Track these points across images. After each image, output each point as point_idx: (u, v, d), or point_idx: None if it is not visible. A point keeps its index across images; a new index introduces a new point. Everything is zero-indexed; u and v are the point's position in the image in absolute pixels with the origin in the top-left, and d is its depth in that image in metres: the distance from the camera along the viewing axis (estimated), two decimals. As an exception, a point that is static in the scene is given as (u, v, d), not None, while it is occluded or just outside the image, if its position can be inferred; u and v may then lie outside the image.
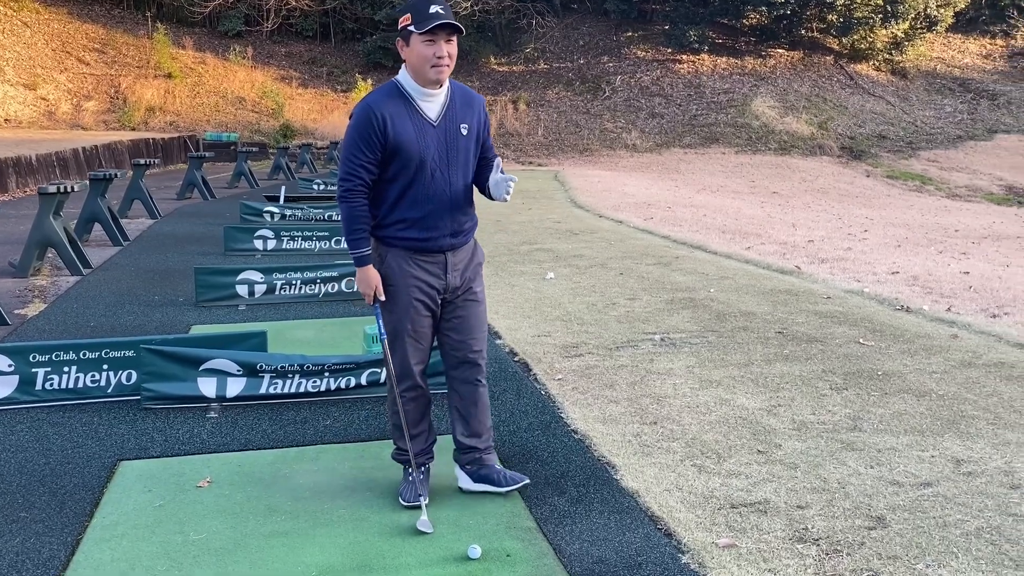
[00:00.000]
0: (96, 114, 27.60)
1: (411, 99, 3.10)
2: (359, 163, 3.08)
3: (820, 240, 11.72)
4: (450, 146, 3.14)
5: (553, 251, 9.90)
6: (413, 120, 3.08)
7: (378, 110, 3.05)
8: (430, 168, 3.10)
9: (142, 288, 7.58)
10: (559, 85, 34.49)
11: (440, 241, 3.19)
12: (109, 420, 4.25)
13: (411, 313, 3.20)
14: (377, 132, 3.04)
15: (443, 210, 3.16)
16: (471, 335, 3.31)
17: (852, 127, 32.99)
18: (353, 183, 3.11)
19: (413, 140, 3.06)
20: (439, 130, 3.12)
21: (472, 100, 3.25)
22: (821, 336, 5.89)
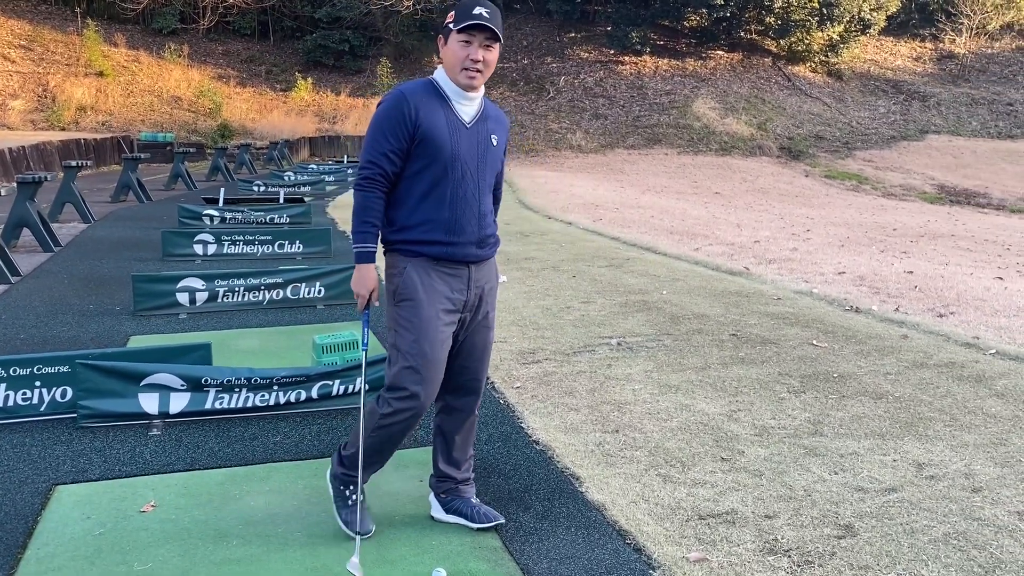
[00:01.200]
0: (23, 113, 26.58)
1: (447, 97, 2.94)
2: (382, 151, 2.87)
3: (766, 240, 11.86)
4: (480, 152, 2.97)
5: (504, 253, 9.79)
6: (447, 116, 2.91)
7: (412, 98, 2.87)
8: (460, 168, 2.91)
9: (76, 297, 7.25)
10: (503, 85, 34.44)
11: (466, 249, 2.95)
12: (43, 441, 4.00)
13: (432, 333, 2.91)
14: (407, 120, 2.85)
15: (471, 214, 2.94)
16: (479, 362, 3.12)
17: (790, 128, 33.66)
18: (373, 171, 2.88)
19: (445, 134, 2.88)
20: (471, 133, 2.95)
21: (500, 118, 3.12)
22: (775, 338, 5.90)
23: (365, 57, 34.50)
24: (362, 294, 2.94)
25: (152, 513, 3.28)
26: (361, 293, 2.94)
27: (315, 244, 9.48)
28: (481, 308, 3.06)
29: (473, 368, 3.12)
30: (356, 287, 2.95)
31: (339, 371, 4.48)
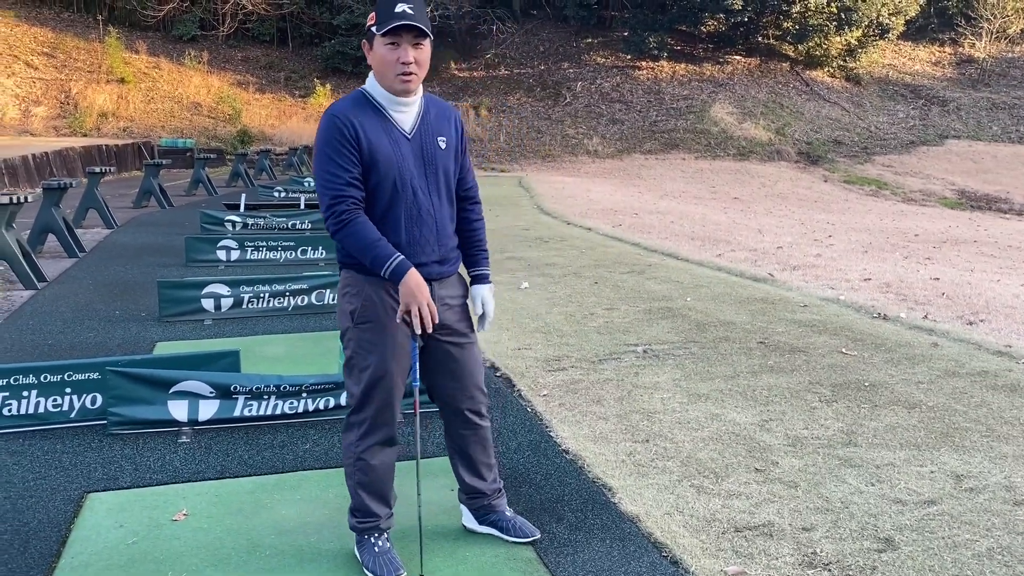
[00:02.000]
0: (46, 120, 26.84)
1: (382, 108, 2.73)
2: (344, 181, 2.64)
3: (788, 246, 11.77)
4: (428, 161, 2.77)
5: (525, 260, 9.77)
6: (387, 131, 2.70)
7: (346, 119, 2.65)
8: (410, 184, 2.72)
9: (102, 303, 7.28)
10: (520, 91, 34.46)
11: (428, 269, 2.78)
12: (74, 448, 4.01)
13: (397, 351, 2.77)
14: (350, 142, 2.64)
15: (428, 233, 2.78)
16: (470, 381, 2.96)
17: (809, 132, 33.48)
18: (347, 203, 2.65)
19: (389, 153, 2.68)
20: (414, 144, 2.75)
21: (447, 112, 2.90)
22: (803, 346, 5.84)
23: (383, 63, 34.66)
24: (420, 304, 2.68)
25: (184, 522, 3.27)
26: (419, 303, 2.68)
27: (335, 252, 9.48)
28: (451, 325, 2.89)
29: (469, 388, 2.97)
30: (410, 299, 2.67)
31: (367, 379, 4.46)
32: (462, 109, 32.32)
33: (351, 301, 2.79)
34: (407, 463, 3.61)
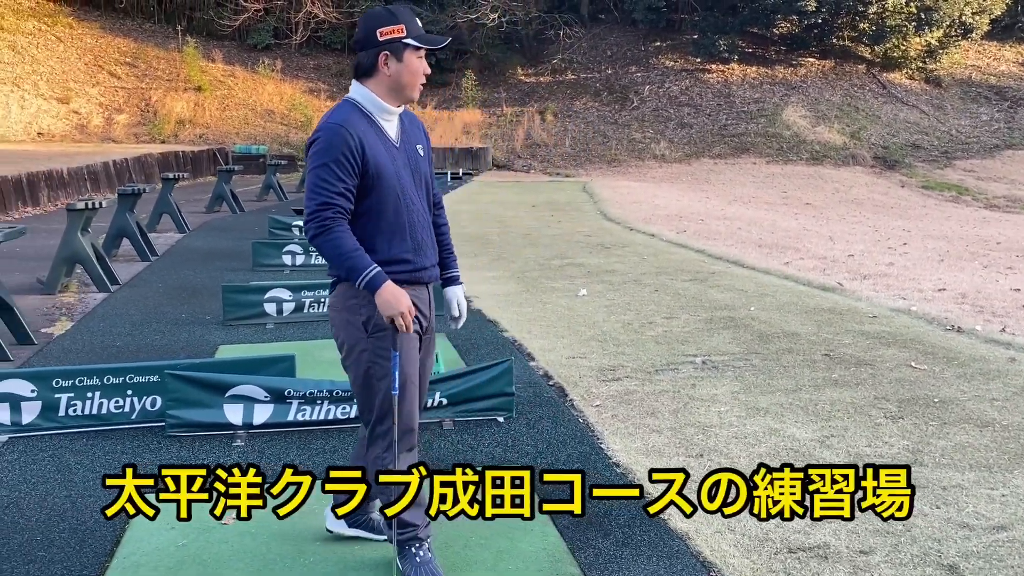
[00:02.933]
0: (127, 127, 27.85)
1: (374, 119, 2.75)
2: (336, 191, 2.63)
3: (860, 254, 11.41)
4: (414, 168, 2.84)
5: (585, 266, 9.69)
6: (383, 141, 2.75)
7: (353, 130, 2.65)
8: (408, 192, 2.78)
9: (169, 306, 7.48)
10: (586, 95, 34.32)
11: (430, 272, 2.89)
12: (133, 448, 4.11)
13: (412, 356, 2.81)
14: (355, 154, 2.64)
15: (427, 236, 2.86)
16: (426, 377, 3.02)
17: (885, 136, 32.47)
18: (332, 211, 2.64)
19: (389, 163, 2.73)
20: (401, 152, 2.80)
21: (415, 121, 2.96)
22: (870, 359, 5.63)
23: (450, 70, 34.91)
24: (404, 312, 2.68)
25: (233, 526, 3.31)
26: (403, 311, 2.67)
27: (398, 255, 9.56)
28: (433, 325, 2.99)
29: (423, 384, 2.99)
30: (396, 309, 2.66)
31: (419, 386, 4.46)
32: (528, 114, 32.38)
33: (360, 312, 2.75)
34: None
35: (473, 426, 4.40)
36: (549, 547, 3.14)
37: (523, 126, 31.72)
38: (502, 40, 35.38)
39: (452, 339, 6.25)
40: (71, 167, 16.94)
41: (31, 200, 14.96)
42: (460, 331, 6.49)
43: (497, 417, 4.49)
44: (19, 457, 3.99)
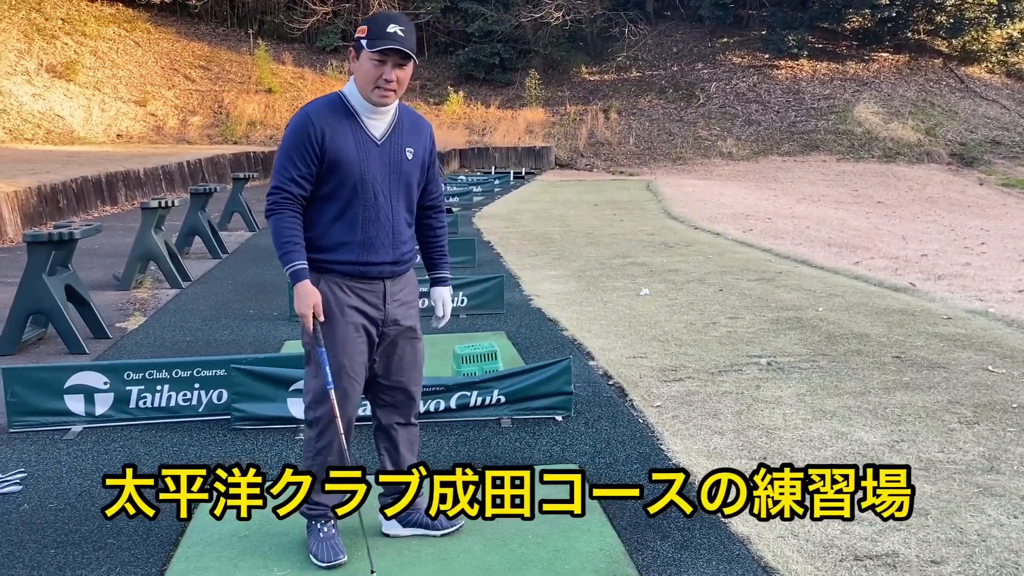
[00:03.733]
0: (201, 128, 28.64)
1: (356, 113, 2.86)
2: (290, 176, 2.81)
3: (934, 254, 11.03)
4: (393, 168, 2.89)
5: (647, 265, 9.59)
6: (356, 135, 2.83)
7: (316, 120, 2.80)
8: (372, 188, 2.85)
9: (238, 302, 7.66)
10: (651, 93, 33.98)
11: (381, 268, 2.92)
12: (200, 441, 4.21)
13: (349, 347, 2.88)
14: (313, 143, 2.78)
15: (384, 234, 2.90)
16: (409, 375, 3.07)
17: (963, 133, 31.35)
18: (280, 196, 2.81)
19: (354, 156, 2.82)
20: (383, 150, 2.87)
21: (420, 125, 3.01)
22: (944, 362, 5.43)
23: (514, 69, 34.97)
24: (305, 313, 2.79)
25: (294, 519, 3.36)
26: (304, 312, 2.80)
27: (461, 254, 9.61)
28: (402, 321, 3.00)
29: (406, 383, 3.06)
30: (298, 307, 2.81)
31: (477, 382, 4.47)
32: (591, 112, 32.21)
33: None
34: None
35: (531, 424, 4.39)
36: (606, 547, 3.10)
37: (586, 125, 31.57)
38: (566, 38, 35.29)
39: (512, 337, 6.25)
40: (147, 167, 17.50)
41: (110, 199, 15.51)
42: (520, 330, 6.49)
43: (555, 416, 4.47)
44: (92, 447, 4.13)
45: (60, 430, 4.32)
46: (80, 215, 13.97)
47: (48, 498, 3.57)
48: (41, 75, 26.83)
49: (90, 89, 27.88)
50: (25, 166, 15.37)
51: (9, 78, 25.40)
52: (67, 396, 4.35)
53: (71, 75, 27.44)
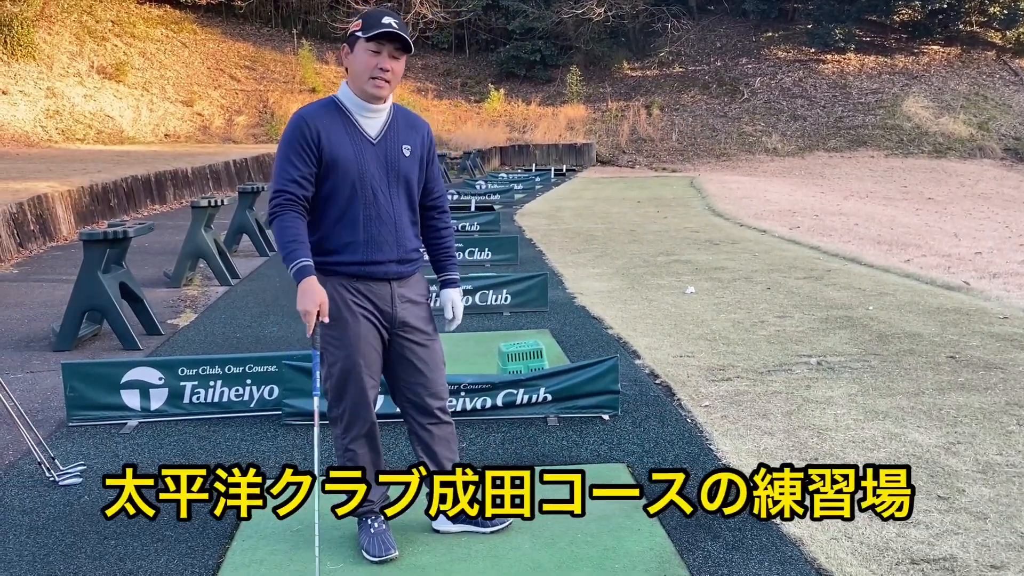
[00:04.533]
0: (246, 128, 29.08)
1: (349, 114, 2.88)
2: (290, 178, 2.81)
3: (988, 252, 10.76)
4: (391, 165, 2.90)
5: (692, 263, 9.51)
6: (351, 135, 2.86)
7: (311, 121, 2.83)
8: (371, 186, 2.86)
9: (285, 299, 7.76)
10: (695, 88, 33.67)
11: (386, 267, 2.91)
12: (251, 435, 4.28)
13: (362, 345, 2.89)
14: (310, 144, 2.81)
15: (387, 233, 2.90)
16: (427, 377, 3.04)
17: (1017, 127, 30.55)
18: (283, 198, 2.81)
19: (351, 155, 2.84)
20: (379, 148, 2.89)
21: (416, 123, 3.02)
22: (1001, 362, 5.30)
23: (555, 66, 34.92)
24: (310, 310, 2.74)
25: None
26: (308, 310, 2.74)
27: (503, 251, 9.64)
28: (412, 323, 2.99)
29: (423, 383, 3.04)
30: (302, 305, 2.75)
31: (523, 380, 4.48)
32: (633, 108, 32.01)
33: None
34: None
35: (578, 423, 4.38)
36: (656, 547, 3.09)
37: (628, 121, 31.41)
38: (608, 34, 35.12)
39: (556, 336, 6.25)
40: (195, 167, 17.83)
41: (158, 198, 15.82)
42: (564, 328, 6.49)
43: (602, 415, 4.46)
44: (148, 441, 4.22)
45: (117, 424, 4.42)
46: (130, 214, 14.28)
47: (108, 491, 3.65)
48: (92, 76, 27.46)
49: (139, 90, 28.46)
50: (78, 166, 15.75)
51: (62, 80, 26.04)
52: (123, 391, 4.45)
53: (121, 76, 28.05)
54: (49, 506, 3.51)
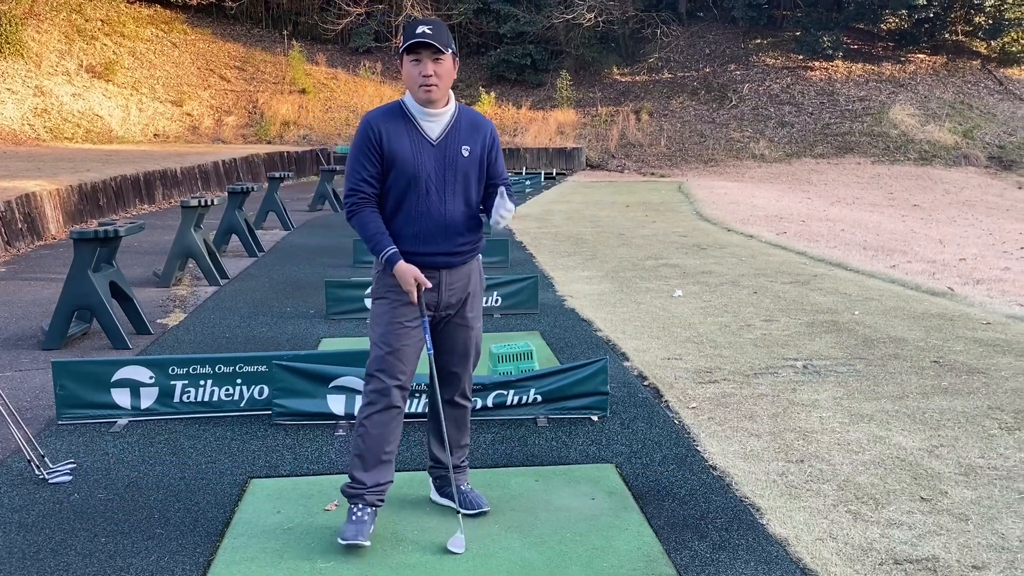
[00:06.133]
0: (235, 128, 28.99)
1: (412, 118, 3.12)
2: (360, 177, 3.11)
3: (972, 258, 10.88)
4: (448, 166, 3.12)
5: (680, 267, 9.57)
6: (411, 137, 3.10)
7: (375, 124, 3.10)
8: (424, 184, 3.09)
9: (275, 299, 7.77)
10: (683, 94, 33.82)
11: (435, 258, 3.15)
12: (241, 435, 4.29)
13: (405, 330, 3.13)
14: (374, 145, 3.08)
15: (437, 228, 3.13)
16: (456, 359, 3.28)
17: (1001, 135, 30.84)
18: (357, 197, 3.12)
19: (408, 155, 3.08)
20: (438, 149, 3.11)
21: (479, 124, 3.23)
22: (984, 367, 5.37)
23: (546, 71, 34.98)
24: (410, 289, 3.06)
25: (335, 512, 3.43)
26: (410, 289, 3.07)
27: (494, 254, 9.67)
28: (459, 310, 3.24)
29: (452, 363, 3.28)
30: (404, 284, 3.08)
31: (514, 381, 4.51)
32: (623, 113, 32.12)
33: (374, 280, 3.24)
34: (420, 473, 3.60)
35: (567, 424, 4.42)
36: (644, 547, 3.12)
37: (617, 126, 31.51)
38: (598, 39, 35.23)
39: (547, 338, 6.29)
40: (184, 166, 17.77)
41: (147, 197, 15.77)
42: (554, 330, 6.52)
43: (591, 416, 4.49)
44: (138, 440, 4.23)
45: (107, 423, 4.43)
46: (119, 213, 14.23)
47: (97, 489, 3.66)
48: (81, 75, 27.33)
49: (128, 89, 28.34)
50: (66, 164, 15.68)
51: (50, 78, 25.91)
52: (114, 390, 4.45)
53: (110, 75, 27.92)
54: (39, 504, 3.52)
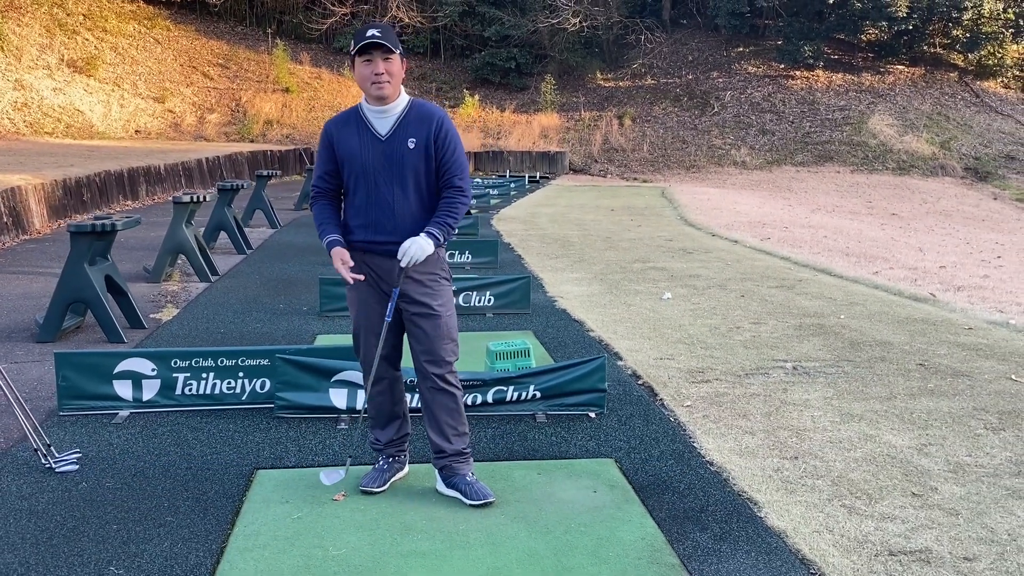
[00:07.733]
0: (218, 126, 28.83)
1: (364, 117, 3.39)
2: (319, 174, 3.49)
3: (952, 266, 11.10)
4: (394, 159, 3.34)
5: (667, 270, 9.69)
6: (361, 135, 3.36)
7: (329, 128, 3.44)
8: (373, 178, 3.35)
9: (267, 296, 7.79)
10: (666, 101, 34.08)
11: (388, 247, 3.38)
12: (244, 428, 4.33)
13: (366, 309, 3.45)
14: (327, 147, 3.42)
15: (385, 217, 3.37)
16: (426, 346, 3.43)
17: (977, 147, 31.36)
18: (315, 191, 3.51)
19: (356, 152, 3.35)
20: (386, 144, 3.34)
21: (426, 115, 3.38)
22: (967, 370, 5.52)
23: (530, 74, 35.12)
24: (339, 268, 3.38)
25: (343, 502, 3.48)
26: (337, 268, 3.39)
27: (484, 255, 9.74)
28: (413, 296, 3.41)
29: (423, 350, 3.44)
30: (335, 265, 3.40)
31: (514, 377, 4.59)
32: (606, 119, 32.30)
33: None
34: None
35: (565, 420, 4.50)
36: (648, 537, 3.21)
37: (601, 131, 31.68)
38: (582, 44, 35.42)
39: (540, 337, 6.36)
40: (167, 163, 17.68)
41: (131, 194, 15.68)
42: (547, 329, 6.60)
43: (589, 412, 4.57)
44: (141, 431, 4.25)
45: (108, 414, 4.45)
46: (103, 208, 14.14)
47: (104, 477, 3.69)
48: (62, 70, 27.07)
49: (110, 85, 28.11)
50: (48, 159, 15.56)
51: (31, 72, 25.65)
52: (116, 381, 4.47)
53: (91, 70, 27.68)
54: (47, 492, 3.54)
